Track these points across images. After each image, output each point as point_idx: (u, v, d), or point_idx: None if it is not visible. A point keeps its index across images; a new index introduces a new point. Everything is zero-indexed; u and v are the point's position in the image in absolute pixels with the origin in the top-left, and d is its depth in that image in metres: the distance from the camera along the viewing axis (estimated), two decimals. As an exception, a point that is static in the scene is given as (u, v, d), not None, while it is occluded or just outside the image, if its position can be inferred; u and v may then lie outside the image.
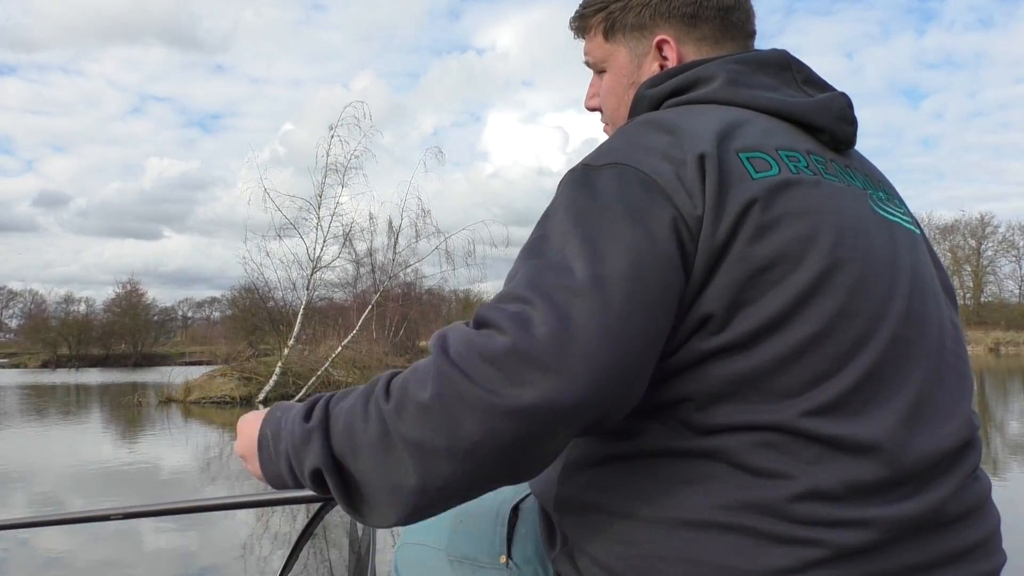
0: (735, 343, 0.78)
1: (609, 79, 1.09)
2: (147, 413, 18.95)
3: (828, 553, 0.74)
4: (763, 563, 0.73)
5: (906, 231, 0.94)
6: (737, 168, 0.82)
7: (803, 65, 0.99)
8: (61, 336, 58.48)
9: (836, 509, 0.75)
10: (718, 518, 0.75)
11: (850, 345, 0.80)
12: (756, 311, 0.79)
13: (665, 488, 0.78)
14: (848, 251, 0.83)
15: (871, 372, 0.80)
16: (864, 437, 0.78)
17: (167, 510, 1.90)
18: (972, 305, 60.70)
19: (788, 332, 0.79)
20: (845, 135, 0.94)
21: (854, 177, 0.92)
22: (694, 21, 1.02)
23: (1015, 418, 14.89)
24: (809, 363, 0.79)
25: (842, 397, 0.78)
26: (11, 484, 9.12)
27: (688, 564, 0.75)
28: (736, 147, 0.84)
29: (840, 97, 0.95)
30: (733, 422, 0.78)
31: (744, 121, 0.89)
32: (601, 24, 1.07)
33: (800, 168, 0.86)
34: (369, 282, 26.90)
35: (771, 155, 0.86)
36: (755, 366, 0.78)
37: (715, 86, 0.94)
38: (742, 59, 0.97)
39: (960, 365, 0.90)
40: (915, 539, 0.78)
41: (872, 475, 0.77)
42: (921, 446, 0.80)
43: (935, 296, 0.91)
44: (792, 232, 0.81)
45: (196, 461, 10.94)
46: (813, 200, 0.84)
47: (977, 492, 0.85)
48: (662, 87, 0.97)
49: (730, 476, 0.77)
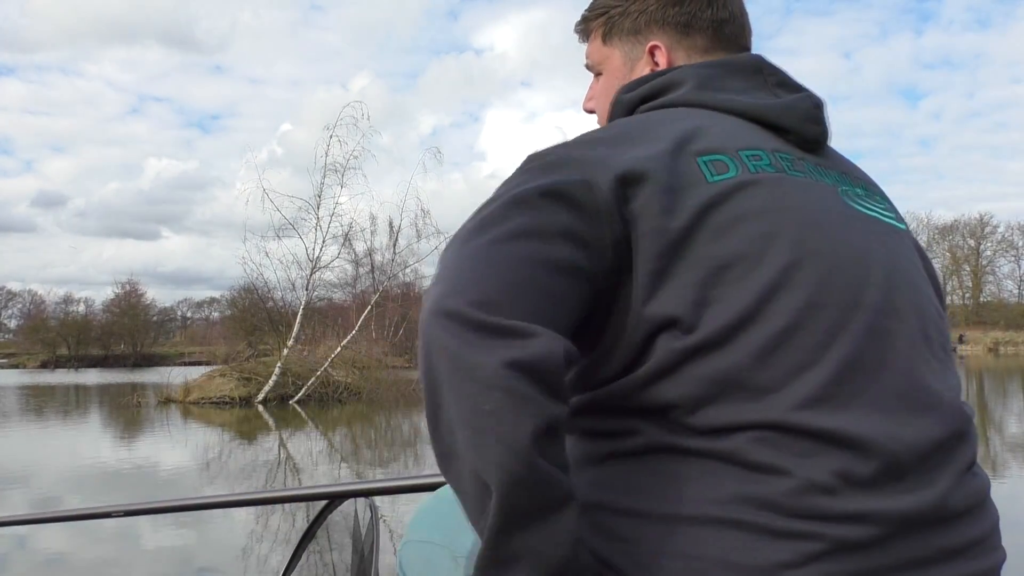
0: (710, 341, 0.80)
1: (604, 81, 1.12)
2: (146, 413, 18.95)
3: (827, 547, 0.74)
4: (763, 557, 0.74)
5: (886, 225, 0.95)
6: (692, 173, 0.85)
7: (776, 69, 1.02)
8: (60, 336, 58.52)
9: (833, 503, 0.76)
10: (718, 514, 0.76)
11: (824, 335, 0.81)
12: (725, 309, 0.80)
13: (665, 485, 0.79)
14: (813, 244, 0.84)
15: (851, 362, 0.81)
16: (852, 429, 0.78)
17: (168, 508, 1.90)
18: (971, 305, 60.81)
19: (760, 326, 0.80)
20: (812, 135, 0.96)
21: (825, 174, 0.94)
22: (687, 31, 1.05)
23: (1014, 417, 14.91)
24: (786, 355, 0.80)
25: (825, 388, 0.79)
26: (11, 484, 9.12)
27: (690, 560, 0.76)
28: (695, 150, 0.87)
29: (808, 99, 0.97)
30: (724, 420, 0.78)
31: (709, 124, 0.92)
32: (601, 28, 1.10)
33: (761, 167, 0.88)
34: (368, 282, 26.97)
35: (731, 156, 0.88)
36: (734, 362, 0.79)
37: (685, 90, 0.97)
38: (714, 63, 1.00)
39: (945, 357, 0.91)
40: (915, 534, 0.78)
41: (865, 467, 0.78)
42: (911, 437, 0.80)
43: (916, 288, 0.92)
44: (751, 230, 0.83)
45: (195, 461, 10.94)
46: (774, 198, 0.86)
47: (976, 488, 0.86)
48: (635, 92, 1.01)
49: (728, 472, 0.77)
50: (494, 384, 0.69)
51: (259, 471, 10.21)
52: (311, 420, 17.36)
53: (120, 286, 60.47)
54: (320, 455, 12.07)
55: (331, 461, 11.38)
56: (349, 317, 24.96)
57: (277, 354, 22.02)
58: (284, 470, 10.45)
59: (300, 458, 11.61)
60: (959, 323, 58.64)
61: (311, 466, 10.78)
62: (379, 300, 24.19)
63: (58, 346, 57.78)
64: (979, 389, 22.01)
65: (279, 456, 11.93)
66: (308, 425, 16.67)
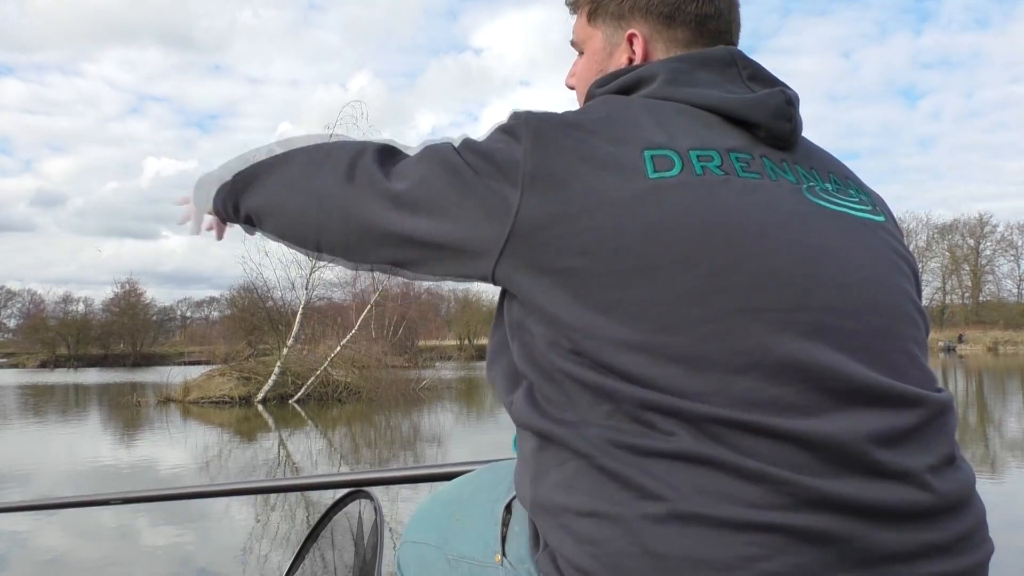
0: (639, 344, 0.80)
1: (583, 61, 1.12)
2: (146, 413, 18.94)
3: (791, 538, 0.74)
4: (730, 552, 0.74)
5: (854, 219, 0.94)
6: (634, 164, 0.86)
7: (750, 61, 1.00)
8: (59, 336, 58.43)
9: (789, 493, 0.76)
10: (681, 509, 0.76)
11: (761, 338, 0.81)
12: (649, 312, 0.81)
13: (625, 485, 0.79)
14: (749, 247, 0.83)
15: (794, 363, 0.81)
16: (799, 426, 0.78)
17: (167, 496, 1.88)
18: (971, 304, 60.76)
19: (688, 331, 0.80)
20: (782, 131, 0.94)
21: (788, 171, 0.93)
22: (669, 22, 1.04)
23: (1012, 417, 14.90)
24: (717, 360, 0.80)
25: (765, 390, 0.79)
26: (9, 484, 9.12)
27: (656, 559, 0.75)
28: (644, 144, 0.87)
29: (780, 94, 0.95)
30: (675, 420, 0.79)
31: (667, 120, 0.91)
32: (588, 5, 1.10)
33: (709, 168, 0.87)
34: (368, 281, 26.89)
35: (679, 154, 0.87)
36: (665, 366, 0.80)
37: (655, 86, 0.96)
38: (685, 57, 0.99)
39: (919, 350, 0.90)
40: (891, 528, 0.78)
41: (817, 459, 0.78)
42: (868, 429, 0.80)
43: (881, 283, 0.90)
44: (677, 234, 0.82)
45: (195, 460, 10.94)
46: (712, 200, 0.85)
47: (960, 482, 0.85)
48: (608, 87, 1.01)
49: (687, 470, 0.77)
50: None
51: (259, 470, 10.21)
52: (311, 419, 17.36)
53: (120, 285, 60.46)
54: (320, 454, 12.08)
55: (331, 460, 11.38)
56: (349, 316, 24.96)
57: (277, 353, 22.02)
58: (284, 469, 10.45)
59: (300, 457, 11.61)
60: (958, 323, 58.62)
61: (310, 466, 10.78)
62: (379, 299, 24.19)
63: (57, 346, 57.69)
64: (978, 388, 22.00)
65: (279, 455, 11.93)
66: (308, 424, 16.67)
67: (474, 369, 35.19)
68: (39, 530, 6.34)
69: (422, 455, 11.56)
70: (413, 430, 15.37)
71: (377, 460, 11.40)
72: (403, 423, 16.61)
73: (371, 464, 10.95)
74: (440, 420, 17.06)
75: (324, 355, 21.96)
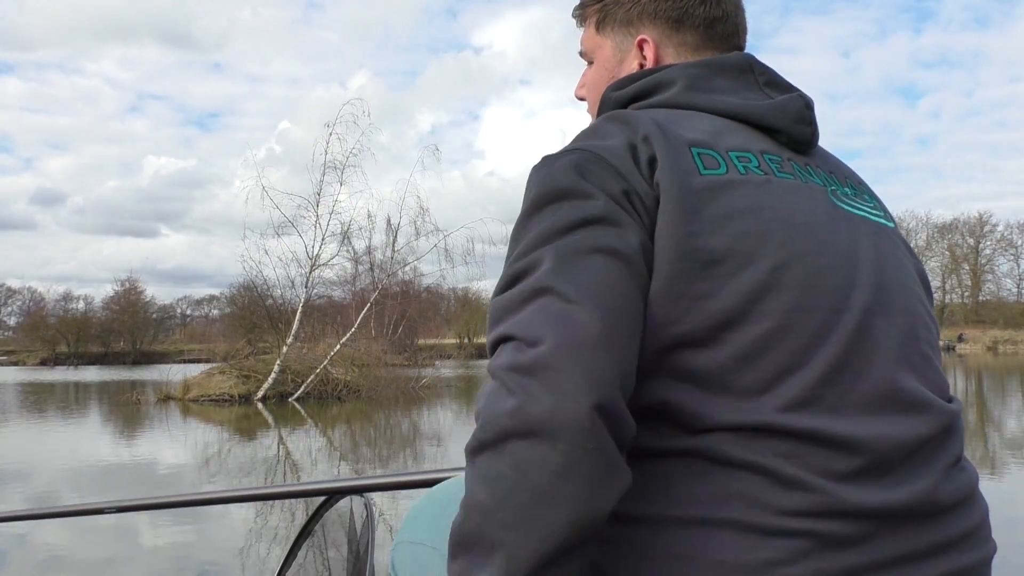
0: (695, 338, 0.80)
1: (594, 71, 1.12)
2: (146, 411, 18.95)
3: (816, 544, 0.74)
4: (752, 556, 0.74)
5: (873, 224, 0.95)
6: (688, 160, 0.86)
7: (766, 68, 1.01)
8: (60, 334, 58.47)
9: (821, 499, 0.76)
10: (704, 513, 0.76)
11: (811, 338, 0.81)
12: (712, 304, 0.80)
13: (649, 488, 0.78)
14: (801, 245, 0.84)
15: (837, 364, 0.81)
16: (839, 430, 0.78)
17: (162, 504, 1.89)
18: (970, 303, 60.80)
19: (747, 328, 0.80)
20: (802, 136, 0.96)
21: (813, 174, 0.94)
22: (678, 26, 1.04)
23: (1012, 416, 14.91)
24: (772, 358, 0.79)
25: (812, 390, 0.79)
26: (9, 482, 9.12)
27: (678, 561, 0.75)
28: (688, 141, 0.88)
29: (798, 99, 0.97)
30: (707, 422, 0.78)
31: (696, 123, 0.92)
32: (595, 15, 1.10)
33: (750, 168, 0.88)
34: (368, 280, 26.92)
35: (721, 155, 0.88)
36: (718, 363, 0.79)
37: (674, 91, 0.97)
38: (703, 63, 1.00)
39: (933, 355, 0.91)
40: (902, 529, 0.78)
41: (852, 465, 0.78)
42: (896, 435, 0.81)
43: (904, 288, 0.92)
44: (741, 228, 0.83)
45: (194, 458, 10.94)
46: (761, 198, 0.86)
47: (963, 482, 0.86)
48: (625, 91, 1.01)
49: (713, 472, 0.77)
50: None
51: (258, 468, 10.21)
52: (310, 418, 17.36)
53: (120, 283, 60.47)
54: (319, 452, 12.08)
55: (330, 458, 11.38)
56: (348, 315, 24.95)
57: (276, 352, 22.01)
58: (283, 467, 10.45)
59: (299, 455, 11.61)
60: (958, 322, 58.65)
61: (310, 464, 10.78)
62: (378, 298, 24.18)
63: (58, 343, 57.73)
64: (978, 387, 22.02)
65: (278, 453, 11.93)
66: (307, 423, 16.67)
67: (473, 367, 35.21)
68: (37, 529, 6.34)
69: (422, 453, 11.56)
70: (413, 428, 15.37)
71: (377, 458, 11.40)
72: (403, 421, 16.62)
73: (370, 463, 10.95)
74: (440, 418, 17.07)
75: (324, 353, 21.96)
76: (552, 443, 0.69)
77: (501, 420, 0.71)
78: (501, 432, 0.71)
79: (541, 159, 0.89)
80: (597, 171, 0.84)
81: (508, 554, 0.69)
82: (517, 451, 0.69)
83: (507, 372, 0.73)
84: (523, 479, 0.69)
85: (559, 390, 0.70)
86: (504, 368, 0.73)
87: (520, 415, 0.70)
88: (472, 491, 0.73)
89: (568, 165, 0.84)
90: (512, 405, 0.70)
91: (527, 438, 0.69)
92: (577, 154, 0.86)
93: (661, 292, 0.80)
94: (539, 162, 0.89)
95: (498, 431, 0.71)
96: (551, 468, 0.68)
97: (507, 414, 0.70)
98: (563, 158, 0.86)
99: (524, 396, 0.70)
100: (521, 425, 0.70)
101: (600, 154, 0.85)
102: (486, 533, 0.70)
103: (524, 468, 0.69)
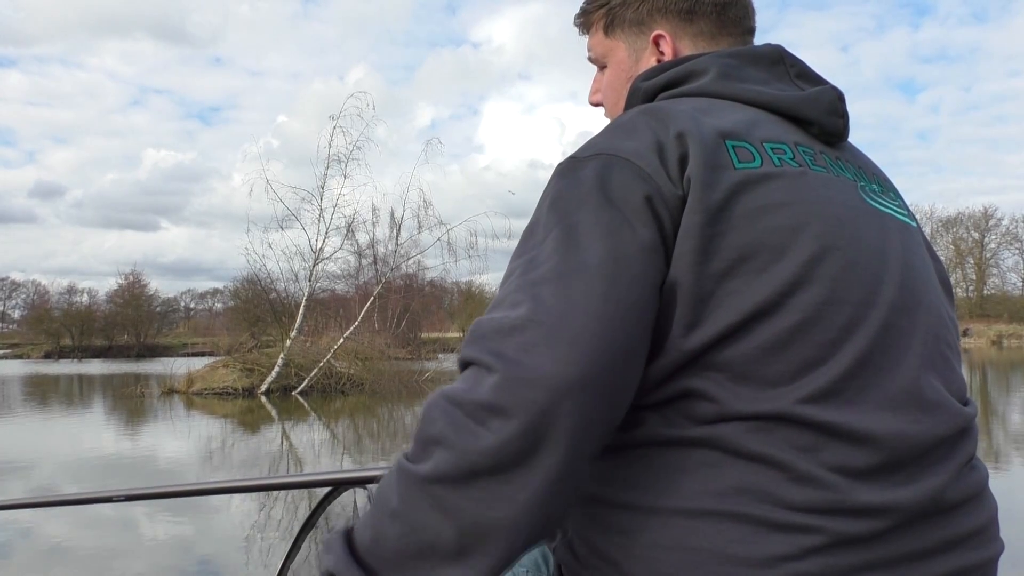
0: (723, 331, 0.79)
1: (609, 74, 1.10)
2: (150, 404, 19.00)
3: (826, 540, 0.74)
4: (761, 550, 0.74)
5: (899, 222, 0.94)
6: (722, 154, 0.84)
7: (796, 59, 1.00)
8: (64, 327, 58.67)
9: (833, 496, 0.75)
10: (716, 506, 0.76)
11: (839, 332, 0.81)
12: (742, 299, 0.79)
13: (662, 477, 0.79)
14: (834, 239, 0.84)
15: (862, 359, 0.81)
16: (859, 424, 0.78)
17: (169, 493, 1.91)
18: (975, 298, 60.63)
19: (776, 320, 0.79)
20: (835, 128, 0.95)
21: (844, 169, 0.93)
22: (690, 16, 1.04)
23: (1016, 410, 14.89)
24: (799, 350, 0.79)
25: (835, 384, 0.79)
26: (14, 474, 9.16)
27: (687, 552, 0.75)
28: (722, 133, 0.86)
29: (831, 91, 0.96)
30: (727, 410, 0.78)
31: (728, 113, 0.91)
32: (602, 20, 1.09)
33: (785, 160, 0.87)
34: (371, 273, 26.95)
35: (755, 147, 0.87)
36: (744, 354, 0.79)
37: (707, 80, 0.96)
38: (735, 53, 0.99)
39: (952, 355, 0.91)
40: (913, 526, 0.78)
41: (868, 462, 0.78)
42: (915, 433, 0.80)
43: (929, 286, 0.92)
44: (774, 222, 0.82)
45: (198, 451, 10.96)
46: (797, 191, 0.85)
47: (974, 480, 0.86)
48: (655, 80, 0.99)
49: (726, 464, 0.77)
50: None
51: (262, 461, 10.23)
52: (314, 411, 17.39)
53: (124, 277, 60.60)
54: (323, 445, 12.10)
55: (334, 452, 11.40)
56: (352, 308, 24.98)
57: (280, 345, 22.04)
58: (287, 460, 10.48)
59: (303, 449, 11.64)
60: (963, 316, 58.51)
61: (313, 457, 10.80)
62: (382, 291, 24.18)
63: (62, 336, 57.94)
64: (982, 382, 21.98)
65: (282, 446, 11.96)
66: (311, 416, 16.70)
67: (477, 361, 35.06)
68: (41, 521, 6.36)
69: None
70: (416, 421, 15.36)
71: (380, 451, 11.43)
72: (406, 415, 16.64)
73: (373, 455, 10.97)
74: (443, 412, 17.03)
75: (327, 347, 21.97)
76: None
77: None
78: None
79: (567, 160, 0.87)
80: (620, 178, 0.82)
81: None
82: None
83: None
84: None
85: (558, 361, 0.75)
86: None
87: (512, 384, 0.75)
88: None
89: (591, 176, 0.83)
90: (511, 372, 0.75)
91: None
92: (602, 159, 0.84)
93: (687, 293, 0.79)
94: (564, 163, 0.87)
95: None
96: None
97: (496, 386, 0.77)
98: (588, 165, 0.84)
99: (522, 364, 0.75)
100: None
101: (625, 157, 0.83)
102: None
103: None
